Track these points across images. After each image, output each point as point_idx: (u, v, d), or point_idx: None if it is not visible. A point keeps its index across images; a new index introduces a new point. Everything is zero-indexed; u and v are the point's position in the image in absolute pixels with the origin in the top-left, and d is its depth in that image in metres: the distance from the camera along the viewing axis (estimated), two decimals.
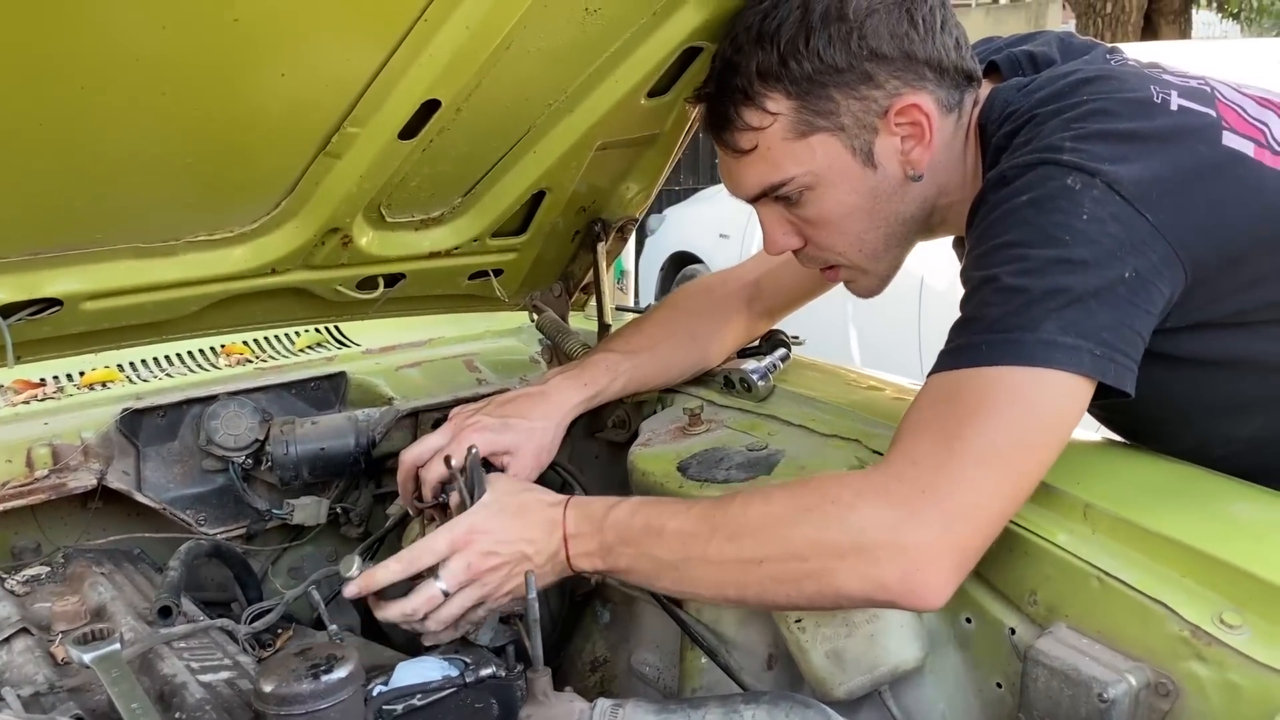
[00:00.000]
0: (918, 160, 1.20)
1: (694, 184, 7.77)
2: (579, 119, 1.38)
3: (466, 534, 1.15)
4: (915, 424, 1.06)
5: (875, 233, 1.24)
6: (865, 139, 1.18)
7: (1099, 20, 8.01)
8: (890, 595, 1.01)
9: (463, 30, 1.12)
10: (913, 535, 0.99)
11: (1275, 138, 1.12)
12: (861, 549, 1.01)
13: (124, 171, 1.14)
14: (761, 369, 1.57)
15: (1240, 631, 0.93)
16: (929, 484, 1.00)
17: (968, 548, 1.01)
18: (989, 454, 1.01)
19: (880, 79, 1.15)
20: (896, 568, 0.99)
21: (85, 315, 1.31)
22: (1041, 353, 1.00)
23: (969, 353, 1.04)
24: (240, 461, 1.55)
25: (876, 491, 1.03)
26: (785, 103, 1.16)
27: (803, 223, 1.25)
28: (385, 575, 1.14)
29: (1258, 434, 1.21)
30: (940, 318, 3.93)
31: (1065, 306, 1.01)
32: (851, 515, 1.02)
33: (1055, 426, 1.03)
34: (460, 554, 1.13)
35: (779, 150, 1.19)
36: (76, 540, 1.47)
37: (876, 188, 1.20)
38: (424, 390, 1.72)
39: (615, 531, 1.14)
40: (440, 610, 1.14)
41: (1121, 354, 1.02)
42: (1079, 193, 1.03)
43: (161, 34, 0.98)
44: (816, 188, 1.20)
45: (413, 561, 1.14)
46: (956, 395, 1.04)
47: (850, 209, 1.22)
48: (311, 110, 1.17)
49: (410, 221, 1.48)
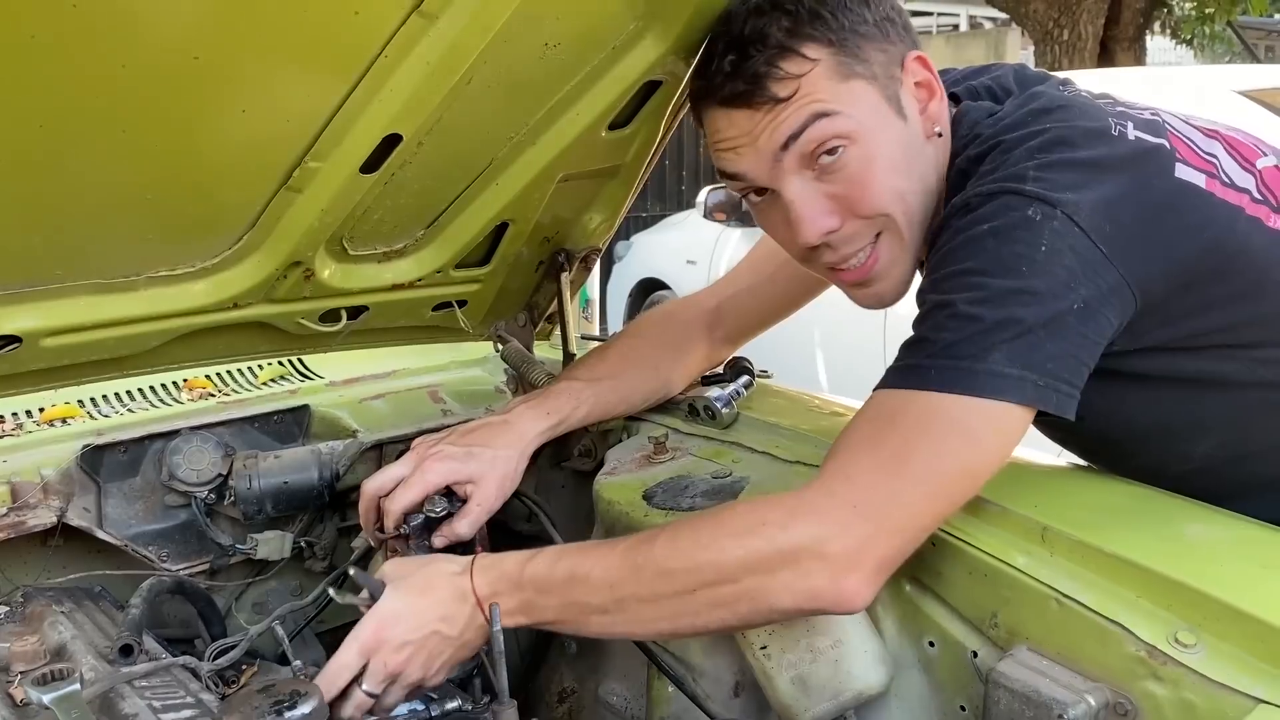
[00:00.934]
0: (936, 114, 1.21)
1: (661, 210, 7.80)
2: (541, 152, 1.39)
3: (374, 635, 1.12)
4: (855, 440, 1.09)
5: (913, 192, 1.20)
6: (893, 89, 1.18)
7: (1056, 47, 8.15)
8: (820, 603, 1.06)
9: (423, 66, 1.13)
10: (838, 545, 1.03)
11: (1225, 170, 1.15)
12: (793, 564, 1.04)
13: (84, 208, 1.14)
14: (725, 396, 1.58)
15: (1195, 650, 0.95)
16: (861, 500, 1.03)
17: (891, 560, 1.06)
18: (926, 478, 1.04)
19: (892, 36, 1.19)
20: (825, 575, 1.03)
21: (45, 352, 1.30)
22: (988, 383, 1.03)
23: (917, 374, 1.07)
24: (203, 497, 1.54)
25: (808, 510, 1.06)
26: (822, 50, 1.14)
27: (843, 188, 1.17)
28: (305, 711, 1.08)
29: (1212, 453, 1.24)
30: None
31: (1016, 338, 1.03)
32: (782, 534, 1.05)
33: (992, 454, 1.07)
34: (375, 656, 1.12)
35: (823, 89, 1.14)
36: (36, 579, 1.45)
37: (909, 141, 1.20)
38: (388, 422, 1.72)
39: (534, 585, 1.13)
40: (383, 701, 1.13)
41: (1065, 383, 1.05)
42: (1039, 224, 1.05)
43: (121, 72, 0.98)
44: (859, 139, 1.15)
45: (331, 682, 1.12)
46: (899, 416, 1.07)
47: (891, 162, 1.18)
48: (273, 145, 1.18)
49: (373, 254, 1.48)
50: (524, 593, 1.13)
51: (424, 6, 1.07)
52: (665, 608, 1.09)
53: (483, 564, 1.16)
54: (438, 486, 1.31)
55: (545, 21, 1.17)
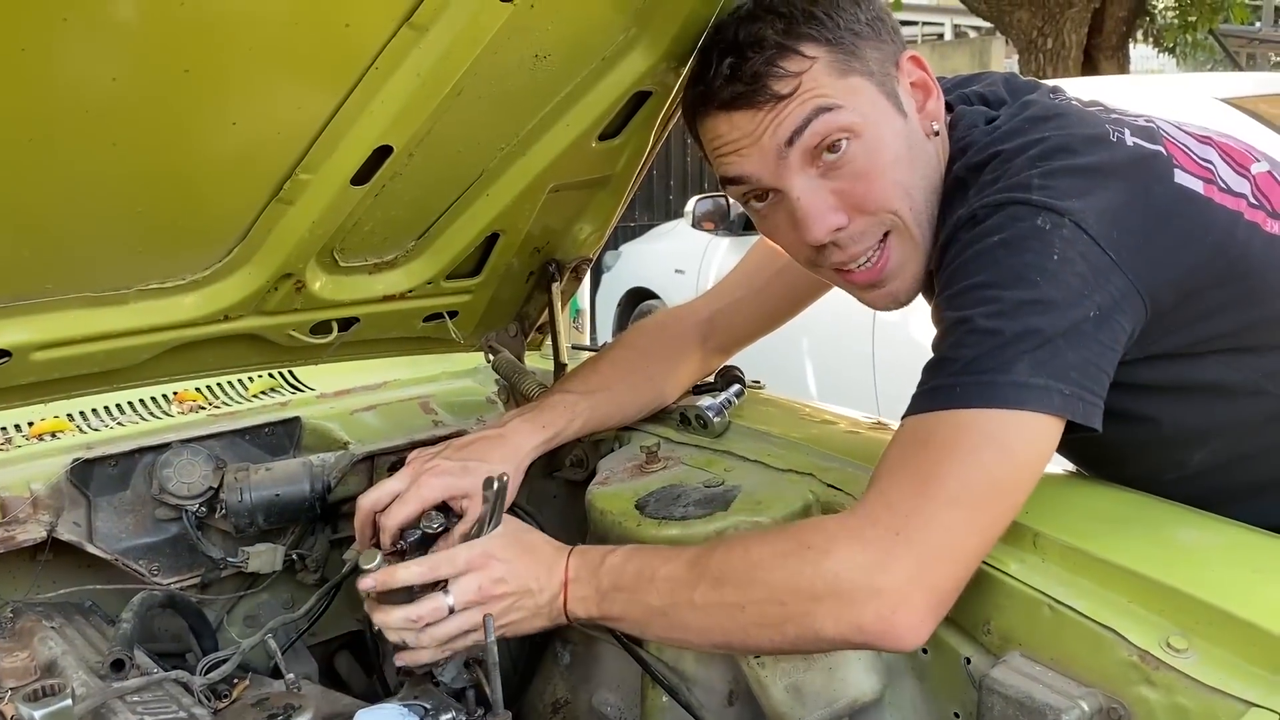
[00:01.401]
0: (934, 111, 1.22)
1: (649, 220, 7.82)
2: (531, 163, 1.40)
3: (483, 557, 1.17)
4: (890, 467, 1.07)
5: (918, 188, 1.20)
6: (890, 86, 1.19)
7: (1040, 56, 8.19)
8: (867, 637, 1.03)
9: (414, 78, 1.13)
10: (886, 578, 1.01)
11: (1222, 177, 1.16)
12: (837, 593, 1.02)
13: (74, 222, 1.14)
14: (717, 405, 1.58)
15: (1187, 655, 0.95)
16: (903, 526, 1.02)
17: (942, 589, 1.02)
18: (963, 496, 1.02)
19: (884, 36, 1.19)
20: (872, 610, 1.01)
21: (35, 366, 1.29)
22: (1014, 395, 1.02)
23: (943, 395, 1.06)
24: (194, 510, 1.53)
25: (851, 536, 1.04)
26: (819, 48, 1.15)
27: (848, 184, 1.17)
28: (405, 575, 1.16)
29: (1206, 459, 1.24)
30: (894, 349, 4.00)
31: (1037, 348, 1.03)
32: (826, 560, 1.04)
33: (1028, 467, 1.05)
34: (474, 573, 1.16)
35: (824, 85, 1.14)
36: (26, 594, 1.44)
37: (911, 135, 1.19)
38: (379, 433, 1.71)
39: (610, 577, 1.15)
40: (440, 626, 1.15)
41: (1089, 391, 1.05)
42: (1049, 233, 1.05)
43: (112, 86, 0.98)
44: (862, 134, 1.15)
45: (434, 568, 1.16)
46: (931, 438, 1.06)
47: (895, 156, 1.17)
48: (263, 157, 1.18)
49: (364, 265, 1.48)
50: (599, 581, 1.16)
51: (414, 19, 1.07)
52: (715, 619, 1.09)
53: (578, 548, 1.21)
54: (434, 501, 1.31)
55: (535, 33, 1.18)
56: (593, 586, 1.16)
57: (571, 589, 1.17)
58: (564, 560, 1.19)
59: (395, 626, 1.16)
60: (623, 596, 1.15)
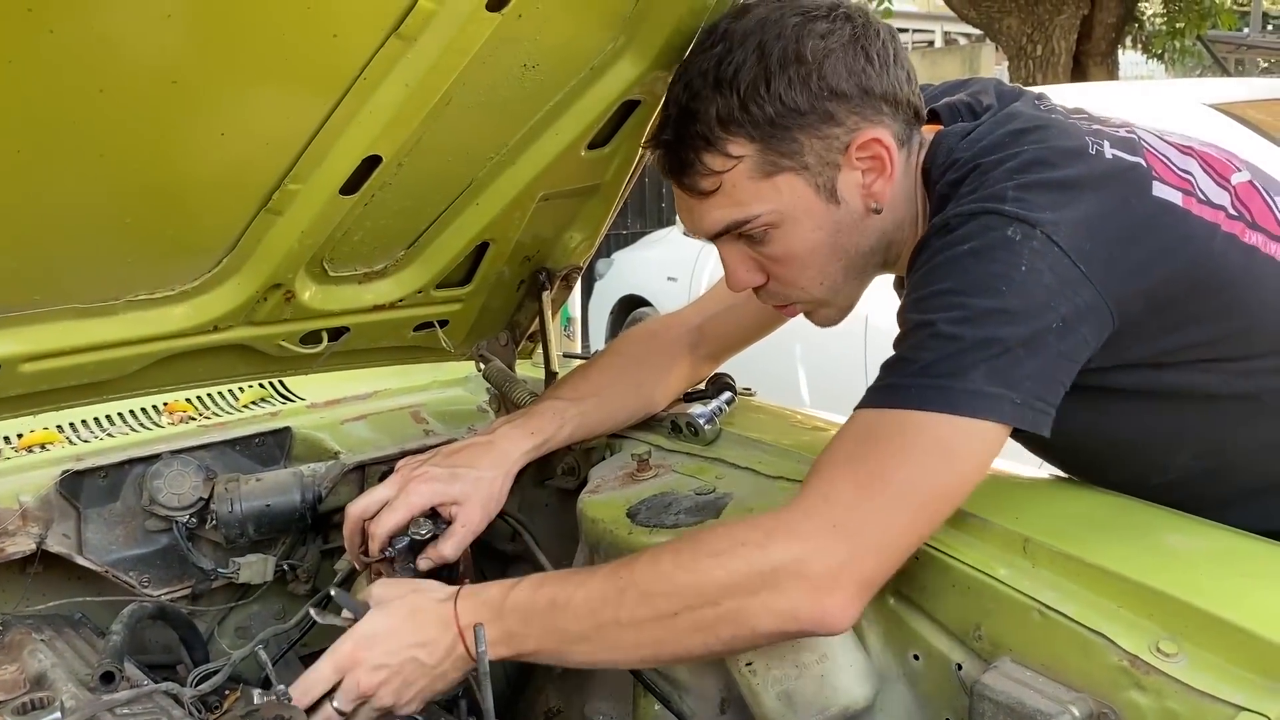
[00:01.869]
0: (879, 193, 1.21)
1: (641, 228, 7.82)
2: (520, 171, 1.40)
3: (351, 653, 1.13)
4: (834, 460, 1.09)
5: (836, 266, 1.24)
6: (828, 176, 1.19)
7: (1030, 63, 8.22)
8: (802, 624, 1.05)
9: (402, 87, 1.13)
10: (819, 566, 1.03)
11: (1201, 188, 1.16)
12: (772, 584, 1.04)
13: (62, 233, 1.14)
14: (708, 413, 1.58)
15: (1176, 659, 0.95)
16: (840, 520, 1.04)
17: (871, 580, 1.06)
18: (904, 497, 1.05)
19: (840, 116, 1.17)
20: (804, 596, 1.03)
21: (24, 377, 1.29)
22: (966, 402, 1.04)
23: (898, 393, 1.08)
24: (184, 521, 1.53)
25: (786, 531, 1.06)
26: (748, 146, 1.16)
27: (766, 259, 1.24)
28: None
29: (1189, 464, 1.25)
30: (885, 353, 4.00)
31: (995, 357, 1.04)
32: (760, 554, 1.05)
33: (970, 472, 1.08)
34: (349, 674, 1.12)
35: (743, 190, 1.18)
36: (15, 607, 1.43)
37: (840, 222, 1.21)
38: (370, 443, 1.71)
39: (517, 614, 1.12)
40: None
41: (1041, 400, 1.06)
42: (1019, 244, 1.06)
43: (99, 97, 0.98)
44: (781, 225, 1.20)
45: (306, 693, 1.12)
46: (879, 434, 1.07)
47: (814, 245, 1.22)
48: (252, 168, 1.18)
49: (354, 275, 1.48)
50: (506, 622, 1.12)
51: (402, 29, 1.07)
52: (647, 633, 1.09)
53: (467, 592, 1.16)
54: (422, 508, 1.30)
55: (523, 43, 1.18)
56: (498, 628, 1.12)
57: (469, 636, 1.12)
58: (452, 611, 1.14)
59: None
60: (535, 630, 1.11)
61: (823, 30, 1.15)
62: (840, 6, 1.19)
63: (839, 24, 1.16)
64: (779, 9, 1.17)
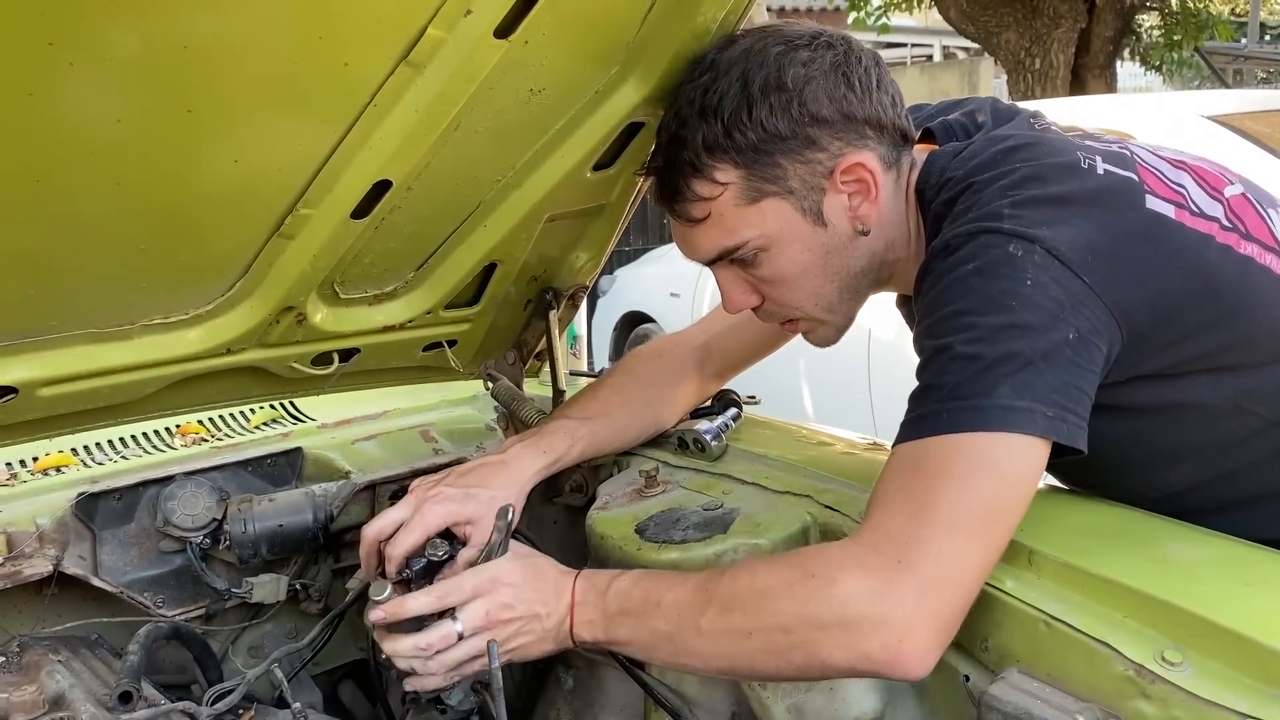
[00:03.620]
0: (866, 215, 1.24)
1: (644, 244, 7.84)
2: (527, 193, 1.42)
3: (490, 582, 1.19)
4: (884, 495, 1.09)
5: (829, 286, 1.28)
6: (814, 199, 1.22)
7: (1029, 76, 8.27)
8: (874, 666, 1.04)
9: (412, 113, 1.15)
10: (891, 606, 1.02)
11: (1194, 200, 1.18)
12: (843, 621, 1.04)
13: (79, 260, 1.16)
14: (714, 429, 1.60)
15: (1182, 668, 0.96)
16: (902, 554, 1.03)
17: (946, 615, 1.03)
18: (959, 521, 1.04)
19: (823, 142, 1.20)
20: (879, 639, 1.02)
21: (41, 401, 1.31)
22: (999, 417, 1.04)
23: (929, 421, 1.08)
24: (198, 541, 1.54)
25: (854, 564, 1.05)
26: (734, 172, 1.20)
27: (759, 281, 1.28)
28: (415, 605, 1.18)
29: (1191, 475, 1.26)
30: (889, 368, 4.02)
31: (1017, 371, 1.05)
32: (830, 588, 1.05)
33: (1017, 488, 1.07)
34: (481, 599, 1.18)
35: (731, 216, 1.22)
36: (32, 628, 1.45)
37: (828, 244, 1.24)
38: (380, 462, 1.73)
39: (617, 601, 1.17)
40: (449, 652, 1.17)
41: (1072, 413, 1.06)
42: (1021, 259, 1.08)
43: (117, 127, 1.00)
44: (770, 249, 1.24)
45: (443, 596, 1.18)
46: (921, 464, 1.07)
47: (804, 266, 1.25)
48: (265, 193, 1.20)
49: (364, 297, 1.50)
50: (607, 605, 1.17)
51: (411, 57, 1.09)
52: (722, 646, 1.10)
53: (585, 572, 1.23)
54: (437, 529, 1.32)
55: (530, 69, 1.20)
56: (599, 610, 1.18)
57: (578, 612, 1.18)
58: (571, 584, 1.20)
59: (404, 655, 1.17)
60: (629, 621, 1.16)
61: (804, 59, 1.19)
62: (823, 35, 1.22)
63: (820, 52, 1.20)
64: (763, 39, 1.21)
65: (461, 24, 1.07)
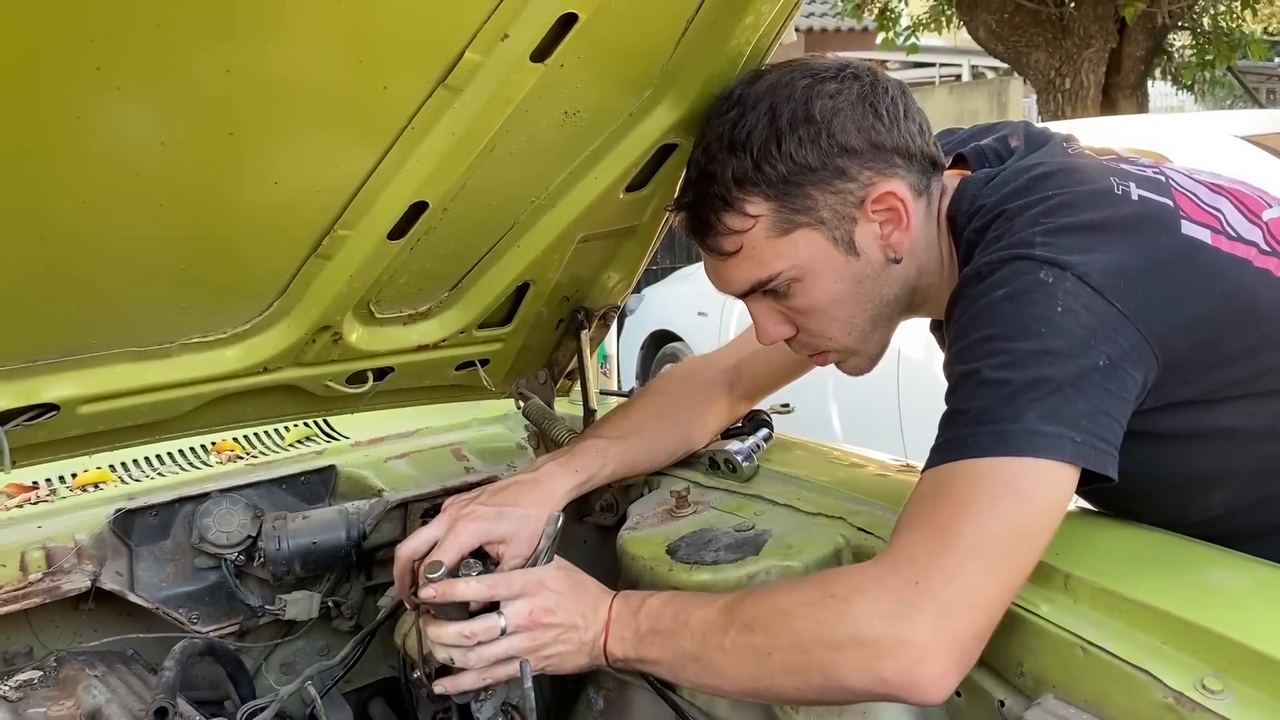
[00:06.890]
0: (898, 243, 1.24)
1: (671, 263, 7.87)
2: (561, 214, 1.43)
3: (537, 585, 1.21)
4: (908, 520, 1.09)
5: (862, 315, 1.28)
6: (845, 229, 1.22)
7: (1059, 96, 8.23)
8: (890, 689, 1.03)
9: (449, 136, 1.17)
10: (907, 628, 1.01)
11: (1230, 224, 1.17)
12: (857, 642, 1.03)
13: (120, 280, 1.18)
14: (745, 449, 1.59)
15: (1223, 696, 0.95)
16: (922, 576, 1.03)
17: (965, 639, 1.02)
18: (982, 546, 1.03)
19: (853, 172, 1.20)
20: (895, 662, 1.01)
21: (81, 419, 1.33)
22: (1027, 442, 1.03)
23: (957, 446, 1.08)
24: (233, 558, 1.56)
25: (872, 585, 1.05)
26: (765, 204, 1.20)
27: (793, 312, 1.29)
28: (465, 589, 1.20)
29: (1229, 500, 1.24)
30: (918, 388, 4.00)
31: (1046, 396, 1.04)
32: (847, 609, 1.05)
33: (1044, 514, 1.06)
34: (527, 598, 1.20)
35: (763, 249, 1.23)
36: (69, 643, 1.46)
37: (860, 273, 1.25)
38: (412, 481, 1.74)
39: (648, 620, 1.18)
40: (489, 646, 1.18)
41: (1101, 440, 1.05)
42: (1052, 286, 1.07)
43: (160, 150, 1.02)
44: (803, 279, 1.24)
45: (492, 586, 1.21)
46: (947, 488, 1.07)
47: (837, 296, 1.26)
48: (303, 215, 1.21)
49: (399, 316, 1.51)
50: (639, 623, 1.18)
51: (449, 80, 1.11)
52: (745, 666, 1.10)
53: (622, 591, 1.25)
54: (471, 547, 1.32)
55: (565, 92, 1.21)
56: (631, 628, 1.19)
57: (613, 629, 1.20)
58: (609, 601, 1.22)
59: (448, 641, 1.19)
60: (659, 639, 1.17)
61: (831, 90, 1.20)
62: (849, 67, 1.23)
63: (847, 84, 1.20)
64: (790, 73, 1.22)
65: (499, 48, 1.09)
